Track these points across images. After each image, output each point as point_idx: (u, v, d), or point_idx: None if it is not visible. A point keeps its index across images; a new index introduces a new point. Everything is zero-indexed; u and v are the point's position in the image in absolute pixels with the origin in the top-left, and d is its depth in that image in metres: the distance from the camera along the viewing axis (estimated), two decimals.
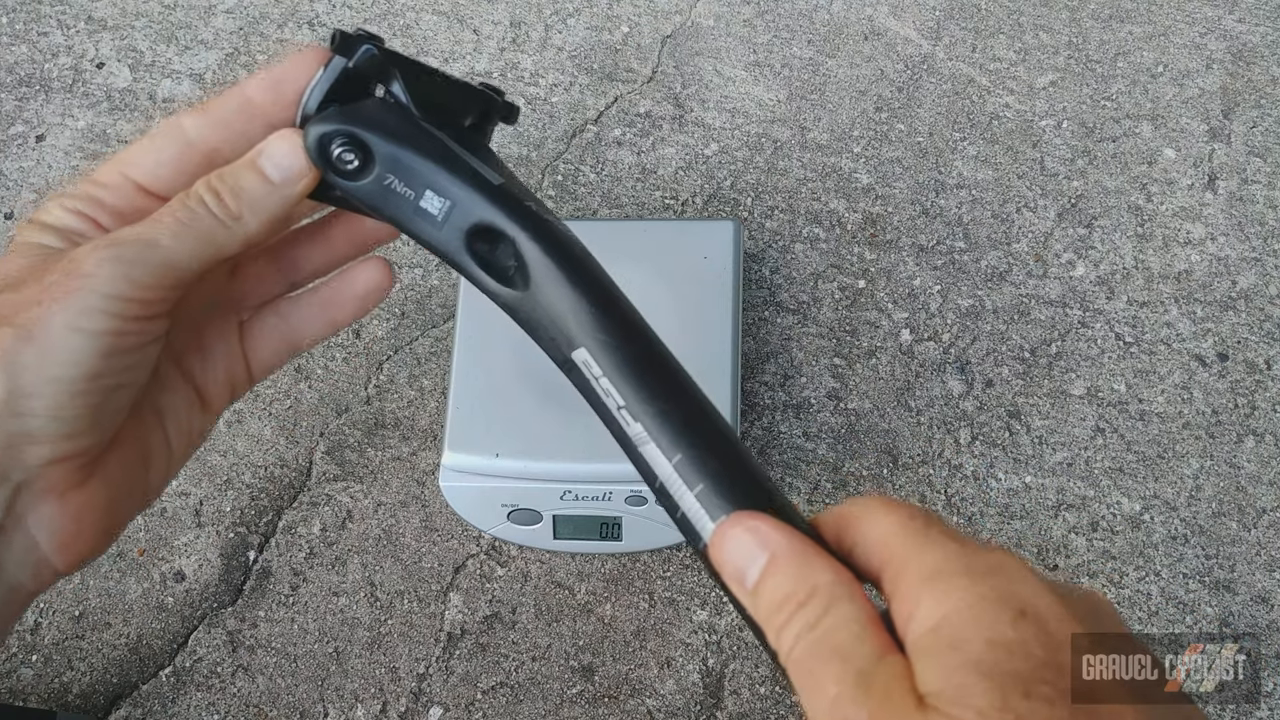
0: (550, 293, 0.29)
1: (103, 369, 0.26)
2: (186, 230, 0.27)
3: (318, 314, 0.34)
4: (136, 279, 0.26)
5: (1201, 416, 0.66)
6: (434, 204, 0.30)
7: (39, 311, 0.25)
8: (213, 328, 0.32)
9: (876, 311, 0.70)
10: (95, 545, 0.29)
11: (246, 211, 0.28)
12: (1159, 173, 0.75)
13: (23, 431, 0.25)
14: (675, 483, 0.26)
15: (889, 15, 0.83)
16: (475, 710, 0.60)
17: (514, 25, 0.83)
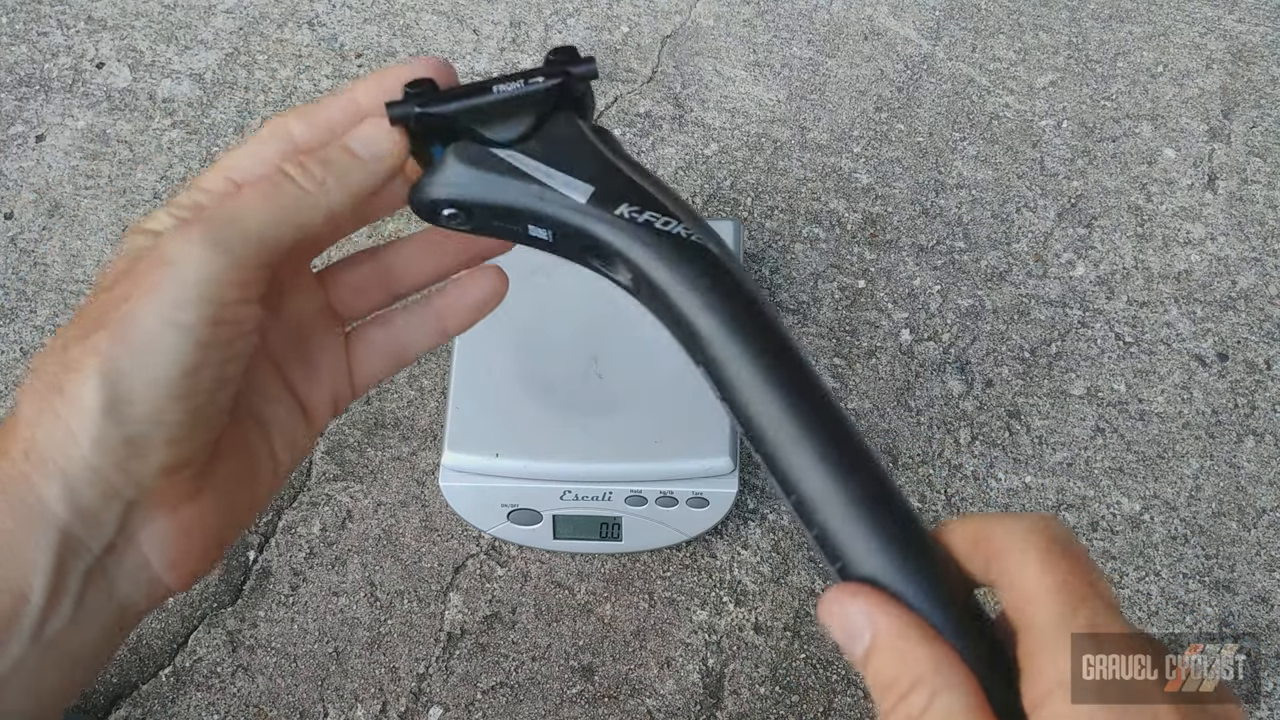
0: (672, 301, 0.28)
1: (200, 362, 0.25)
2: (269, 202, 0.26)
3: (428, 324, 0.33)
4: (224, 260, 0.25)
5: (1201, 416, 0.66)
6: (540, 232, 0.30)
7: (129, 308, 0.24)
8: (316, 339, 0.32)
9: (876, 311, 0.70)
10: (205, 561, 0.28)
11: (332, 180, 0.27)
12: (1159, 173, 0.75)
13: (128, 441, 0.24)
14: (807, 508, 0.26)
15: (889, 15, 0.83)
16: (475, 710, 0.60)
17: (514, 25, 0.83)
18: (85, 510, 0.25)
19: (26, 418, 0.25)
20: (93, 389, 0.24)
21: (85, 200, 0.77)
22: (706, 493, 0.59)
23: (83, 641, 0.26)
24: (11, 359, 0.71)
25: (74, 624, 0.25)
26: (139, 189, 0.77)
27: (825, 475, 0.26)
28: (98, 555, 0.26)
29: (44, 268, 0.74)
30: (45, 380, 0.25)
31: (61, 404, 0.24)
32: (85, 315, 0.25)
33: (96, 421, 0.24)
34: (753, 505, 0.64)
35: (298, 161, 0.27)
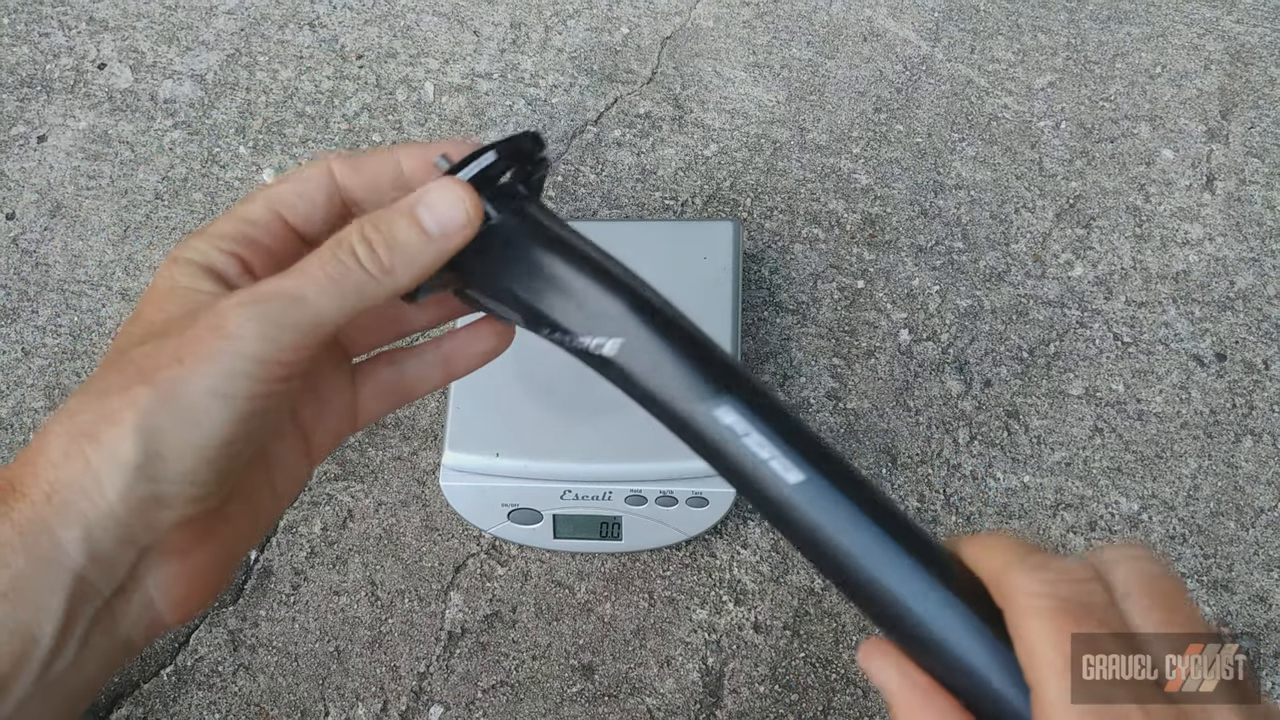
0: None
1: (240, 434, 0.25)
2: (335, 285, 0.26)
3: (435, 367, 0.33)
4: (283, 340, 0.25)
5: (1199, 416, 0.67)
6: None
7: (180, 371, 0.24)
8: (327, 376, 0.31)
9: (875, 312, 0.70)
10: (204, 598, 0.28)
11: (400, 265, 0.26)
12: (1157, 173, 0.75)
13: (155, 496, 0.25)
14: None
15: (888, 16, 0.83)
16: (475, 709, 0.60)
17: (514, 26, 0.84)
18: (102, 557, 0.25)
19: (52, 459, 0.25)
20: (130, 444, 0.24)
21: (87, 201, 0.77)
22: (706, 492, 0.59)
23: (82, 679, 0.26)
24: (13, 359, 0.71)
25: (75, 664, 0.26)
26: (140, 190, 0.77)
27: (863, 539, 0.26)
28: (106, 598, 0.26)
29: (45, 268, 0.74)
30: (79, 425, 0.24)
31: (94, 453, 0.24)
32: (127, 361, 0.25)
33: (127, 475, 0.24)
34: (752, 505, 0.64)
35: (365, 239, 0.26)
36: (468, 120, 0.79)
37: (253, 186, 0.77)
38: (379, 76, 0.81)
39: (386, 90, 0.81)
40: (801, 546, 0.27)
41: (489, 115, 0.79)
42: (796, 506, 0.27)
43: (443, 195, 0.27)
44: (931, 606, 0.25)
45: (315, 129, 0.79)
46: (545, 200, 0.76)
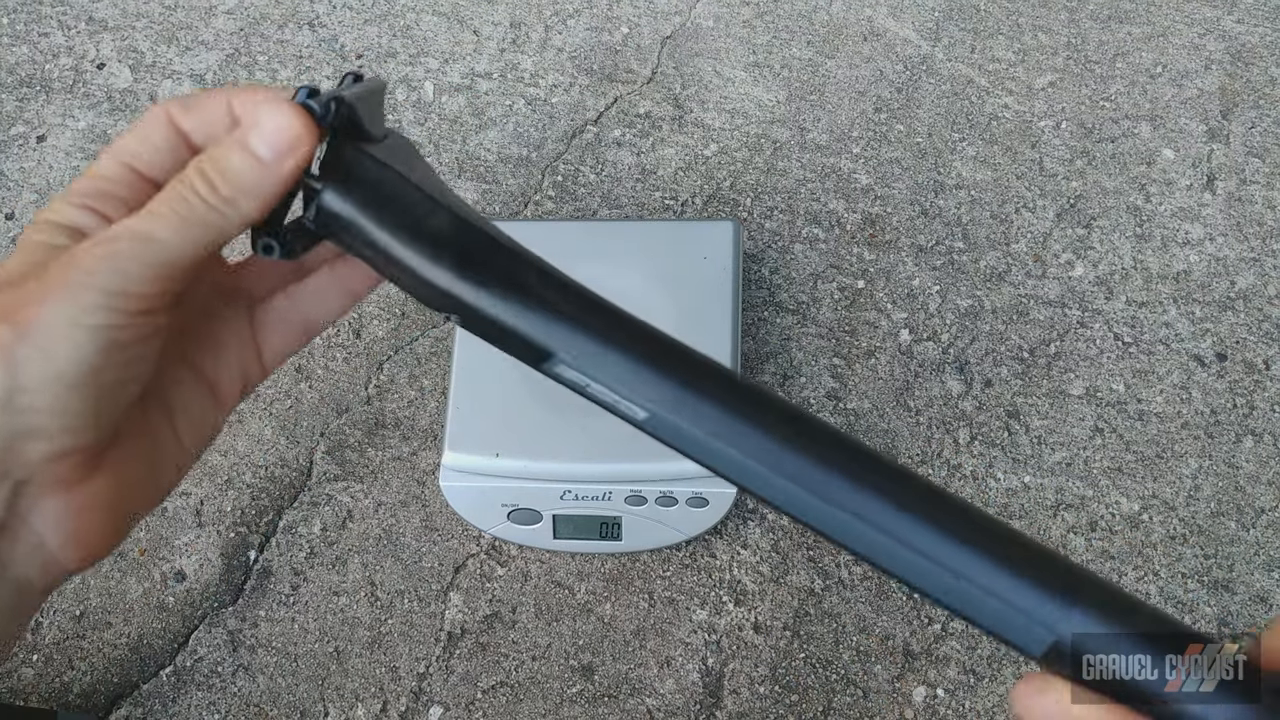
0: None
1: (103, 364, 0.25)
2: (182, 222, 0.26)
3: (334, 290, 0.33)
4: (135, 274, 0.25)
5: (1200, 416, 0.66)
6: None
7: (39, 309, 0.25)
8: (223, 321, 0.32)
9: (876, 312, 0.70)
10: (104, 541, 0.28)
11: (242, 196, 0.27)
12: (1158, 173, 0.75)
13: (22, 428, 0.25)
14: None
15: (888, 16, 0.83)
16: (475, 709, 0.60)
17: (514, 26, 0.83)
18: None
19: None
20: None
21: None
22: (706, 493, 0.59)
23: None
24: None
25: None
26: None
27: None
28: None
29: None
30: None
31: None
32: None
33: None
34: (752, 505, 0.64)
35: (202, 173, 0.27)
36: (467, 120, 0.79)
37: None
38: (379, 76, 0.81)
39: (386, 90, 0.81)
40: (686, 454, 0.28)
41: (489, 115, 0.79)
42: (657, 433, 0.27)
43: (271, 118, 0.26)
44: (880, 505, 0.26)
45: None
46: (544, 199, 0.76)
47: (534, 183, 0.76)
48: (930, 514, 0.26)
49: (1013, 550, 0.26)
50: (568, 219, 0.74)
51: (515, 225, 0.71)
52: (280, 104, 0.27)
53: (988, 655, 0.61)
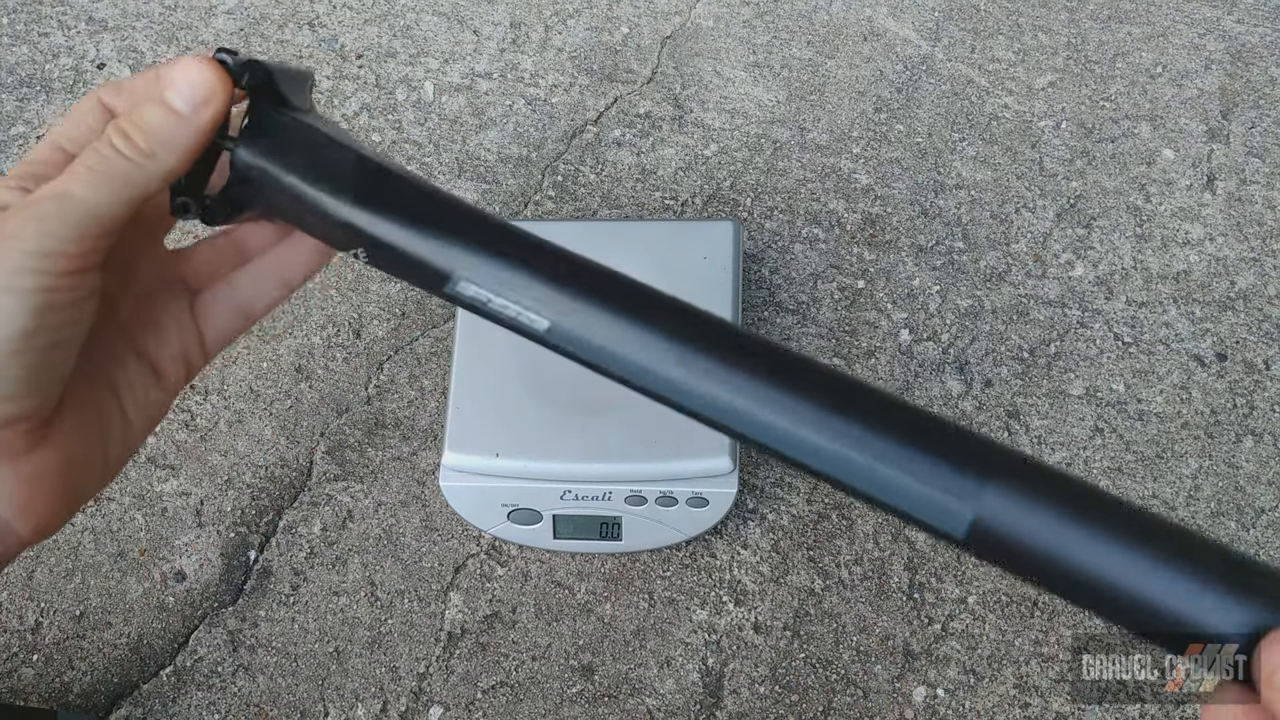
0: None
1: (36, 326, 0.26)
2: (101, 177, 0.27)
3: (270, 278, 0.34)
4: (60, 233, 0.26)
5: (1200, 416, 0.66)
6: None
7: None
8: (164, 303, 0.32)
9: (876, 312, 0.70)
10: (55, 512, 0.29)
11: (159, 149, 0.27)
12: (1158, 173, 0.75)
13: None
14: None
15: (888, 16, 0.83)
16: (475, 710, 0.60)
17: (514, 26, 0.83)
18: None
19: None
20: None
21: None
22: (706, 493, 0.59)
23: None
24: None
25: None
26: None
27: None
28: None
29: None
30: None
31: None
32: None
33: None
34: (752, 505, 0.64)
35: (120, 130, 0.27)
36: (467, 120, 0.79)
37: None
38: (379, 76, 0.81)
39: (386, 90, 0.81)
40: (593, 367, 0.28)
41: (489, 115, 0.79)
42: (559, 344, 0.28)
43: (184, 72, 0.27)
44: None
45: None
46: (544, 199, 0.76)
47: (534, 183, 0.76)
48: (834, 401, 0.27)
49: (921, 429, 0.26)
50: (568, 219, 0.74)
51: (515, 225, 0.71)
52: (194, 60, 0.28)
53: (988, 655, 0.61)
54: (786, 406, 0.26)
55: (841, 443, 0.26)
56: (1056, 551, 0.24)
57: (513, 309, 0.28)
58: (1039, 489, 0.25)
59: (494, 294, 0.28)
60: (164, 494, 0.66)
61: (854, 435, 0.26)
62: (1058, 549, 0.24)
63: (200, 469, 0.67)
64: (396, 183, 0.29)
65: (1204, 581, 0.23)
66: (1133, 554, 0.24)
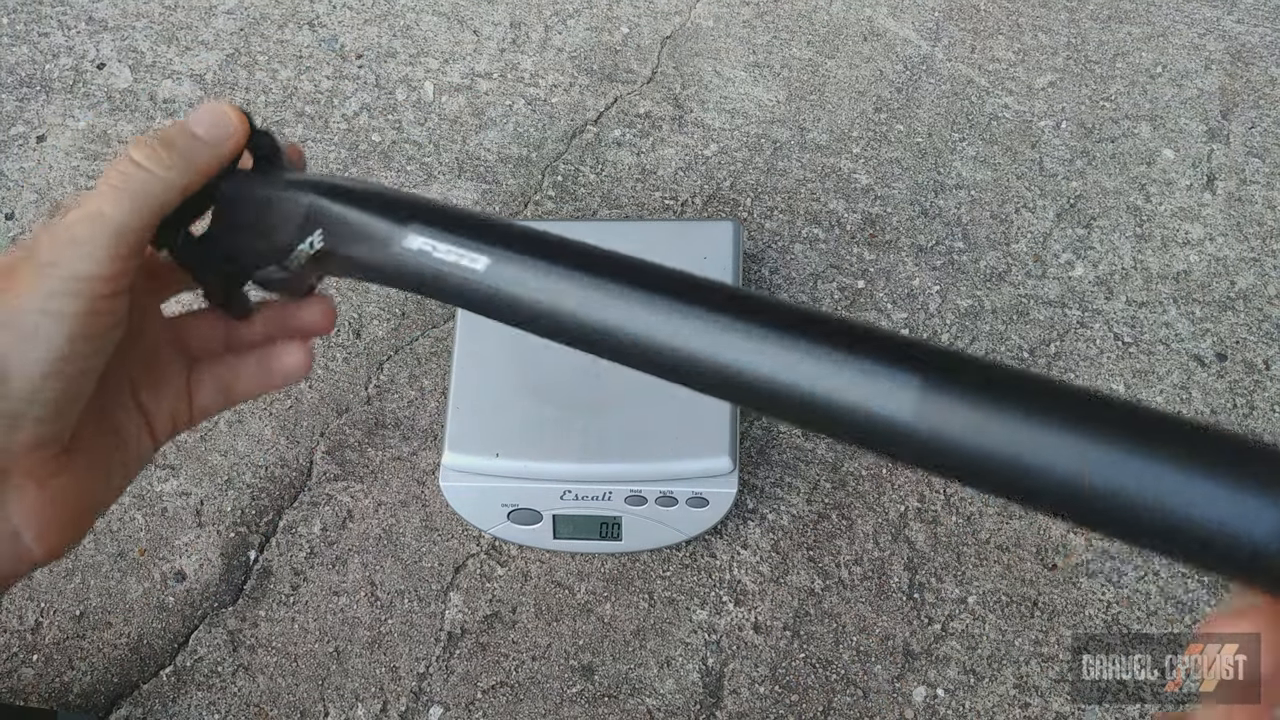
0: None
1: (71, 351, 0.27)
2: (123, 194, 0.29)
3: (254, 376, 0.37)
4: (96, 255, 0.28)
5: (1200, 416, 0.66)
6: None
7: (9, 300, 0.27)
8: (167, 363, 0.35)
9: (876, 312, 0.70)
10: (69, 534, 0.30)
11: (178, 159, 0.30)
12: (1158, 173, 0.75)
13: (7, 414, 0.27)
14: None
15: (888, 16, 0.83)
16: (475, 709, 0.60)
17: (514, 26, 0.83)
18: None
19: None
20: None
21: None
22: (706, 493, 0.59)
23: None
24: None
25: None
26: None
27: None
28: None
29: None
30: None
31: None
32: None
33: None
34: (752, 505, 0.64)
35: (142, 144, 0.30)
36: (467, 120, 0.79)
37: None
38: (379, 76, 0.81)
39: (386, 90, 0.81)
40: (534, 327, 0.30)
41: (489, 115, 0.79)
42: (497, 289, 0.29)
43: (210, 110, 0.31)
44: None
45: (315, 129, 0.79)
46: (544, 199, 0.76)
47: (534, 183, 0.76)
48: (737, 312, 0.28)
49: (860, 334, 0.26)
50: (568, 219, 0.74)
51: None
52: (220, 104, 0.31)
53: (988, 655, 0.61)
54: (727, 331, 0.28)
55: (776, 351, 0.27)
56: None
57: (454, 254, 0.30)
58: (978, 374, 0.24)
59: (438, 241, 0.30)
60: (164, 494, 0.66)
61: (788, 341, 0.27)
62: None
63: (200, 469, 0.67)
64: (356, 184, 0.32)
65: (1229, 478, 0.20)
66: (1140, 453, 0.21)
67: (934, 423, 0.23)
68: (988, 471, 0.22)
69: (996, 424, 0.22)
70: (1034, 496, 0.22)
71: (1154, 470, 0.20)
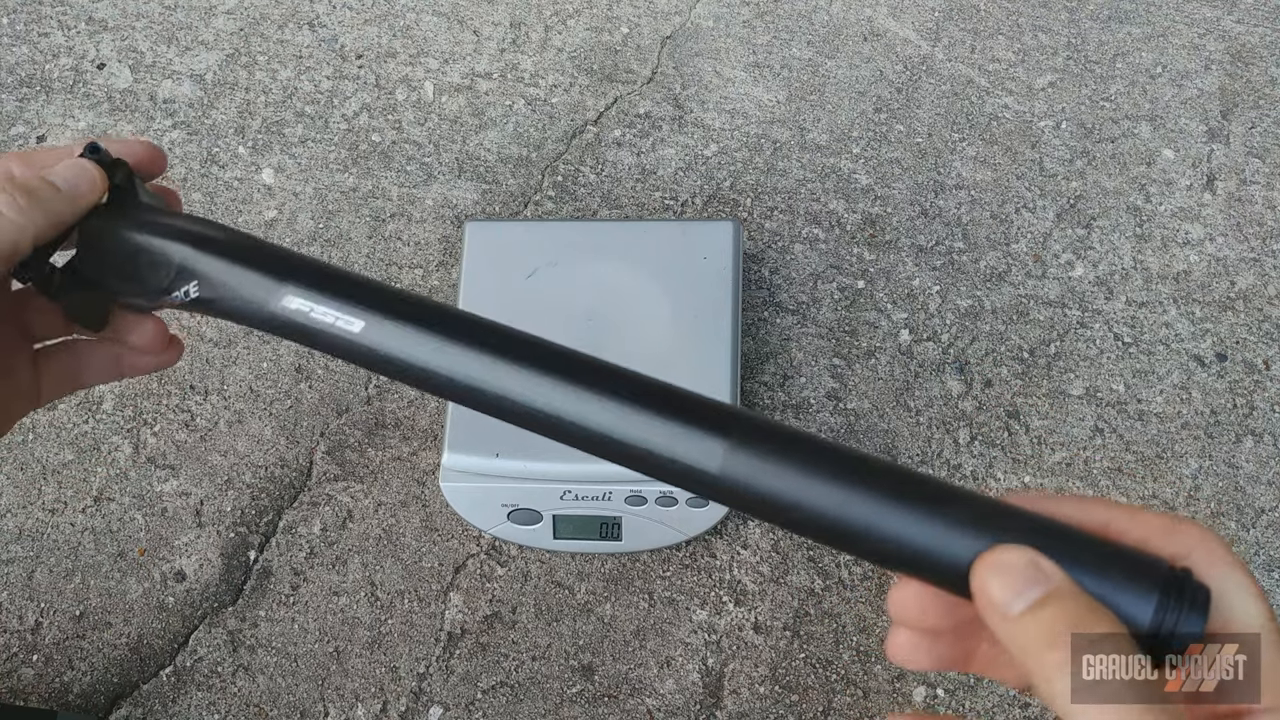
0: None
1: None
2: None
3: (108, 364, 0.37)
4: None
5: (1200, 417, 0.66)
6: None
7: None
8: (10, 353, 0.35)
9: (876, 312, 0.70)
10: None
11: (35, 209, 0.31)
12: (1158, 173, 0.75)
13: None
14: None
15: (888, 16, 0.83)
16: (475, 710, 0.60)
17: (514, 26, 0.83)
18: None
19: None
20: None
21: None
22: None
23: None
24: None
25: None
26: None
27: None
28: None
29: None
30: None
31: None
32: None
33: None
34: None
35: (6, 190, 0.31)
36: (467, 120, 0.79)
37: (251, 186, 0.77)
38: (379, 76, 0.81)
39: (386, 90, 0.81)
40: (405, 378, 0.31)
41: (489, 115, 0.79)
42: (372, 349, 0.30)
43: (69, 168, 0.32)
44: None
45: (314, 129, 0.79)
46: (544, 199, 0.76)
47: (534, 183, 0.76)
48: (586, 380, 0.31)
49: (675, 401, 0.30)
50: (568, 219, 0.74)
51: (515, 225, 0.71)
52: (82, 161, 0.32)
53: None
54: (572, 394, 0.31)
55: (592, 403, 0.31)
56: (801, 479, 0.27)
57: (330, 316, 0.31)
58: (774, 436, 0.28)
59: (315, 304, 0.31)
60: (164, 494, 0.66)
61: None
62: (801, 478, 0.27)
63: (200, 469, 0.67)
64: (224, 232, 0.33)
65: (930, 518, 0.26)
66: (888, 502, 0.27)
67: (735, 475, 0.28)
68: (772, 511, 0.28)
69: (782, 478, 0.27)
70: (804, 530, 0.28)
71: (883, 509, 0.26)
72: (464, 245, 0.65)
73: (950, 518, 0.26)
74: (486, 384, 0.30)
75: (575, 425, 0.31)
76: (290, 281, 0.31)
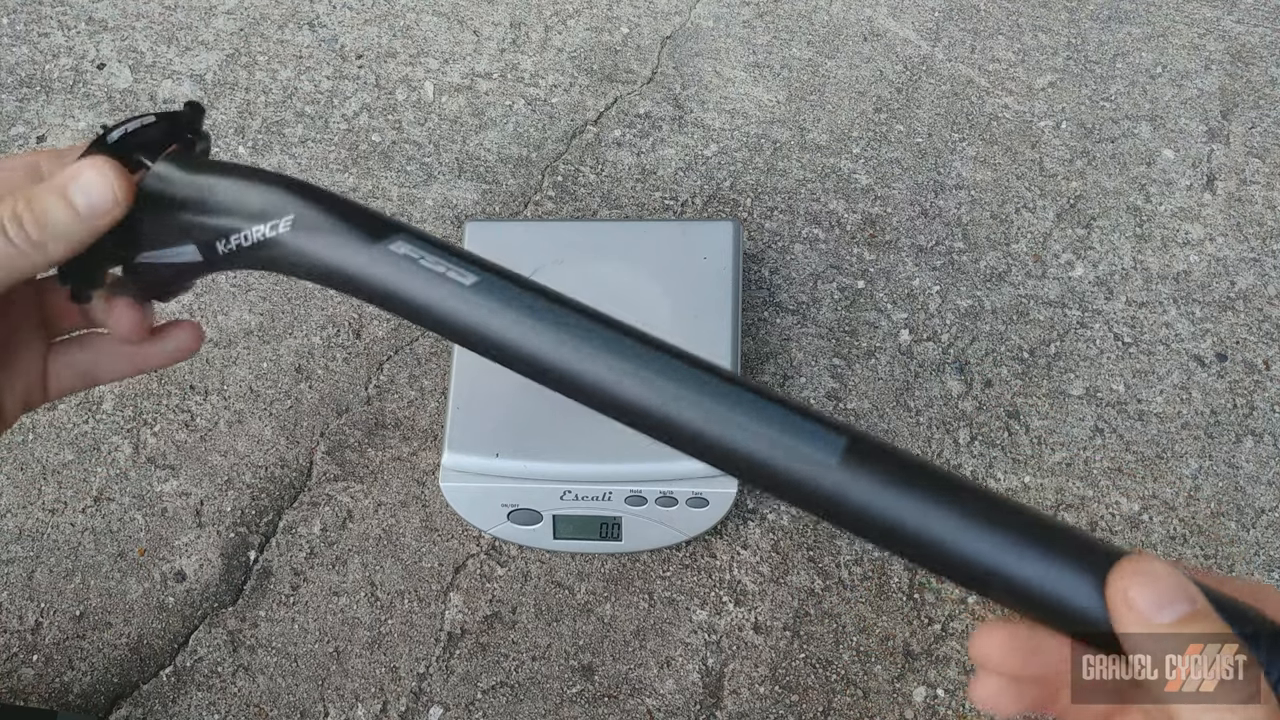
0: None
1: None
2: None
3: (125, 358, 0.35)
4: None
5: (1200, 417, 0.66)
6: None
7: None
8: (19, 345, 0.33)
9: (876, 312, 0.70)
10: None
11: (50, 240, 0.28)
12: (1158, 173, 0.75)
13: None
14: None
15: (888, 16, 0.83)
16: (475, 710, 0.60)
17: (514, 26, 0.83)
18: None
19: None
20: None
21: None
22: (706, 493, 0.59)
23: None
24: None
25: None
26: None
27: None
28: None
29: None
30: None
31: None
32: None
33: None
34: (752, 505, 0.64)
35: (15, 216, 0.28)
36: (467, 120, 0.79)
37: None
38: (379, 76, 0.81)
39: (386, 90, 0.81)
40: (491, 352, 0.29)
41: (489, 115, 0.79)
42: (478, 305, 0.29)
43: (94, 176, 0.28)
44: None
45: (315, 129, 0.79)
46: (544, 199, 0.76)
47: (534, 183, 0.76)
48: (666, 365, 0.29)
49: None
50: (568, 219, 0.74)
51: (515, 225, 0.71)
52: (106, 166, 0.29)
53: None
54: (686, 388, 0.28)
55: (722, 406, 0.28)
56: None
57: (442, 265, 0.29)
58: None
59: (425, 252, 0.29)
60: (164, 494, 0.66)
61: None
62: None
63: (200, 469, 0.67)
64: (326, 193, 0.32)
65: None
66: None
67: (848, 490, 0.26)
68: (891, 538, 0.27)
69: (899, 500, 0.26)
70: (913, 556, 0.27)
71: (997, 542, 0.25)
72: (464, 245, 0.65)
73: (1070, 544, 0.25)
74: (605, 379, 0.28)
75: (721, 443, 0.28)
76: (401, 231, 0.30)
